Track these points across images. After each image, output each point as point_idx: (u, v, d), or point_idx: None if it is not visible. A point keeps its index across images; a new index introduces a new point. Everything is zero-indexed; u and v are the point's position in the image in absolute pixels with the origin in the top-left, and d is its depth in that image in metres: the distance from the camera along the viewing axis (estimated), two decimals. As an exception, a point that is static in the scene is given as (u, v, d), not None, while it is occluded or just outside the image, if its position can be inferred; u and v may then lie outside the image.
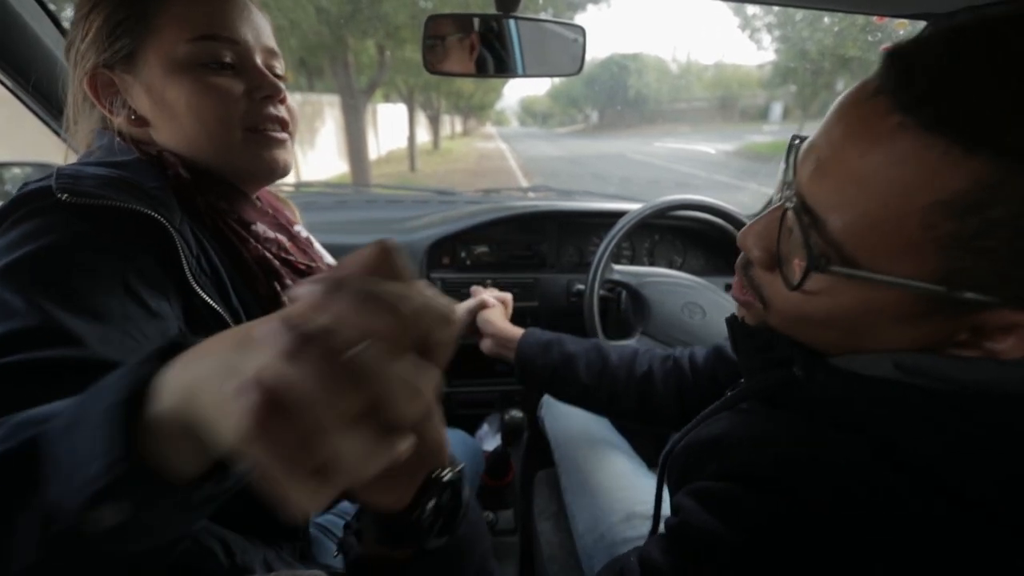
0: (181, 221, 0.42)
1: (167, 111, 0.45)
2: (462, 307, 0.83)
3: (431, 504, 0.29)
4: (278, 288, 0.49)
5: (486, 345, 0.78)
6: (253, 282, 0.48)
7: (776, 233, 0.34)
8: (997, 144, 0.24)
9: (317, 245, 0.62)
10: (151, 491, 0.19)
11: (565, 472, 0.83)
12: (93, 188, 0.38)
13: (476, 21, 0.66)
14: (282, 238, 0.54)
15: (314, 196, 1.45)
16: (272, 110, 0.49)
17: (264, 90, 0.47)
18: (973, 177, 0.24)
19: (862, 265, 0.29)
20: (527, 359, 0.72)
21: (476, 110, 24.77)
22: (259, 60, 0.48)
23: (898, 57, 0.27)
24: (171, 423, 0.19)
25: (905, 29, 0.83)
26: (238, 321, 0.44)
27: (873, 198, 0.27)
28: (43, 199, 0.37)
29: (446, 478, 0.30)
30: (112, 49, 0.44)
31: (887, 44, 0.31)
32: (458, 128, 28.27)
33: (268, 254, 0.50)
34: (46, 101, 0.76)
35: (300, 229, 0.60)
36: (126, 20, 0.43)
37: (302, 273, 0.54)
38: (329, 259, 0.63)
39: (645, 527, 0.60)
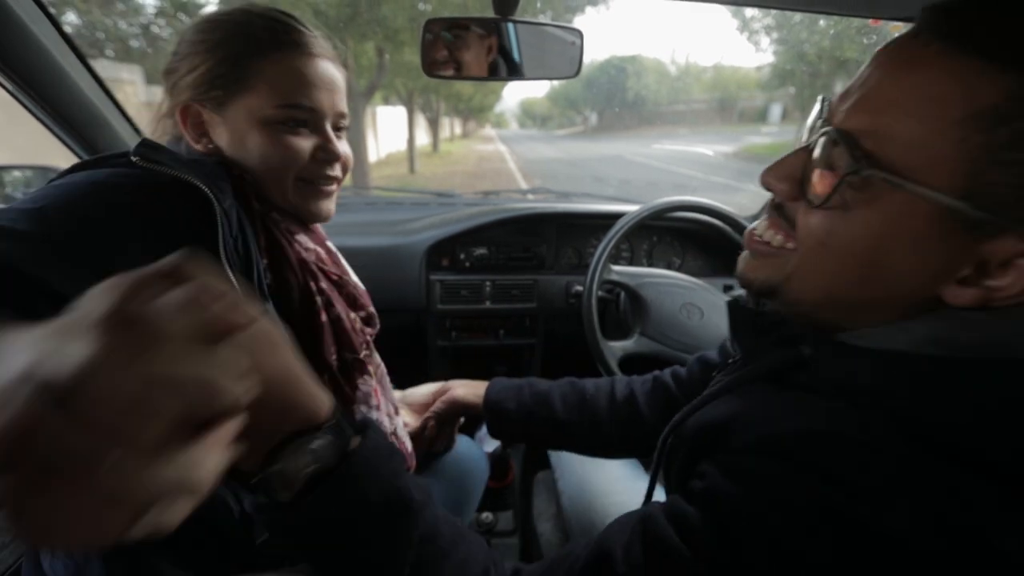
0: (231, 206, 0.47)
1: (241, 152, 0.52)
2: (425, 390, 0.75)
3: (277, 467, 0.28)
4: (312, 288, 0.54)
5: (451, 396, 0.70)
6: (287, 278, 0.52)
7: (801, 165, 0.34)
8: None
9: (341, 259, 0.66)
10: None
11: (561, 475, 0.83)
12: (164, 158, 0.44)
13: (474, 24, 0.67)
14: (320, 251, 0.60)
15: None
16: (328, 170, 0.56)
17: (327, 154, 0.55)
18: (1005, 92, 0.26)
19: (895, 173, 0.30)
20: (497, 403, 0.65)
21: (475, 112, 24.77)
22: (329, 124, 0.54)
23: (937, 6, 0.30)
24: None
25: (899, 32, 0.84)
26: None
27: (909, 115, 0.29)
28: (118, 157, 0.45)
29: (312, 445, 0.28)
30: (208, 95, 0.51)
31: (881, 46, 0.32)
32: (457, 130, 28.29)
33: (307, 258, 0.56)
34: (47, 104, 0.77)
35: (331, 244, 0.65)
36: (226, 75, 0.50)
37: (333, 281, 0.60)
38: (351, 274, 0.66)
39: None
